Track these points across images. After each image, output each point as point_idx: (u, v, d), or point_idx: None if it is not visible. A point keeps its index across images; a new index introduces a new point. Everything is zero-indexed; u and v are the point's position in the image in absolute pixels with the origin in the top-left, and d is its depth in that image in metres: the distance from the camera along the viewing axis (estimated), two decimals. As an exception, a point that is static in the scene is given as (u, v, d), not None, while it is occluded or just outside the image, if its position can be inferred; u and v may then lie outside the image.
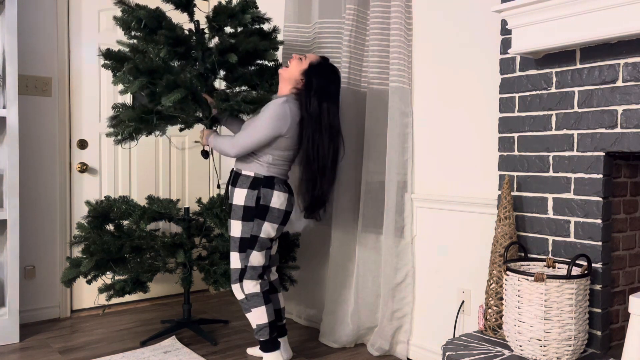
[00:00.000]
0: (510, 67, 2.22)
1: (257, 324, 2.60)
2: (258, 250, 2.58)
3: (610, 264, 2.00)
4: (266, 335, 2.59)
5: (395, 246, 2.82)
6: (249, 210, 2.56)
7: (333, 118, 2.61)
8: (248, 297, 2.59)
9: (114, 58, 2.80)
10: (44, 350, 2.98)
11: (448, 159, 2.67)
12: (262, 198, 2.56)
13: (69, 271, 2.89)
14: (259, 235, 2.57)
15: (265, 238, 2.59)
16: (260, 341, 2.62)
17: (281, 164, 2.61)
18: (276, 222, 2.59)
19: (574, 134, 2.02)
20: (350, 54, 2.98)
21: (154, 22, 2.73)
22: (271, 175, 2.59)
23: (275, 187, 2.58)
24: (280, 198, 2.58)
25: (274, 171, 2.59)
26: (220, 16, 2.85)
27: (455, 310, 2.64)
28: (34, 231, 3.47)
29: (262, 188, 2.56)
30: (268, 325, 2.59)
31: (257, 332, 2.61)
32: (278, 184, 2.59)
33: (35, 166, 3.47)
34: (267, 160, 2.58)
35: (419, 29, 2.79)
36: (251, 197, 2.55)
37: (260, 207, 2.56)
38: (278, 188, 2.59)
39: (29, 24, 3.42)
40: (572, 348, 1.85)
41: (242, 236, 2.58)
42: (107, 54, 2.80)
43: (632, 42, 1.84)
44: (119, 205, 2.96)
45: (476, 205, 2.51)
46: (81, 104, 3.64)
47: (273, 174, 2.59)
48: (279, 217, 2.59)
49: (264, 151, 2.57)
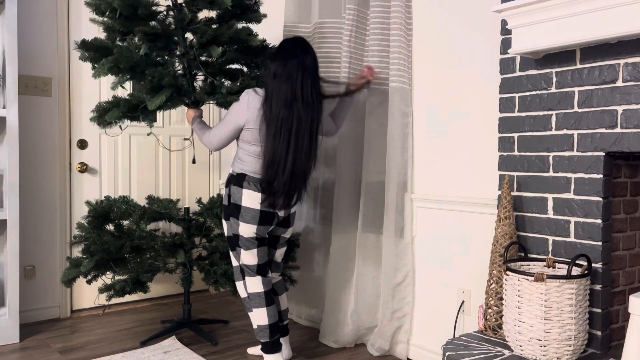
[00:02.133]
0: (510, 67, 2.22)
1: (257, 325, 2.59)
2: (245, 249, 2.55)
3: (610, 264, 2.00)
4: (266, 337, 2.57)
5: (395, 246, 2.82)
6: (225, 209, 2.59)
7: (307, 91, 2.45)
8: (250, 296, 2.58)
9: (92, 48, 2.66)
10: (44, 350, 2.98)
11: (448, 159, 2.67)
12: (232, 196, 2.53)
13: (69, 271, 2.89)
14: (239, 234, 2.55)
15: (247, 237, 2.53)
16: (261, 342, 2.61)
17: (251, 160, 2.52)
18: (252, 223, 2.50)
19: (574, 134, 2.02)
20: (350, 54, 2.98)
21: (129, 9, 2.58)
22: (242, 173, 2.52)
23: (244, 184, 2.49)
24: (251, 196, 2.49)
25: (244, 168, 2.52)
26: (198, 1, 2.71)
27: (455, 310, 2.64)
28: (34, 231, 3.47)
29: (232, 186, 2.54)
30: (268, 327, 2.56)
31: (257, 332, 2.61)
32: (248, 182, 2.50)
33: (35, 166, 3.47)
34: (240, 156, 2.55)
35: (419, 29, 2.79)
36: (225, 195, 2.58)
37: (232, 205, 2.54)
38: (247, 186, 2.49)
39: (29, 24, 3.42)
40: (572, 348, 1.85)
41: (228, 235, 2.60)
42: (84, 44, 2.65)
43: (632, 42, 1.84)
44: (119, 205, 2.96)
45: (476, 205, 2.51)
46: (81, 104, 3.64)
47: (244, 171, 2.52)
48: (253, 217, 2.50)
49: (239, 146, 2.57)
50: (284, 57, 2.46)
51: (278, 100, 2.43)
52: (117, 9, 2.54)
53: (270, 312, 2.57)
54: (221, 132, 2.57)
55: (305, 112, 2.45)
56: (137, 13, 2.60)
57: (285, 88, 2.43)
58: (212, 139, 2.61)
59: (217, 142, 2.60)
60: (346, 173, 3.03)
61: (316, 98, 2.49)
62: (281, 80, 2.44)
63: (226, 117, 2.56)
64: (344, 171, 3.02)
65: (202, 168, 4.23)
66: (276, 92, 2.44)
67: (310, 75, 2.48)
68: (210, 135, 2.62)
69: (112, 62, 2.54)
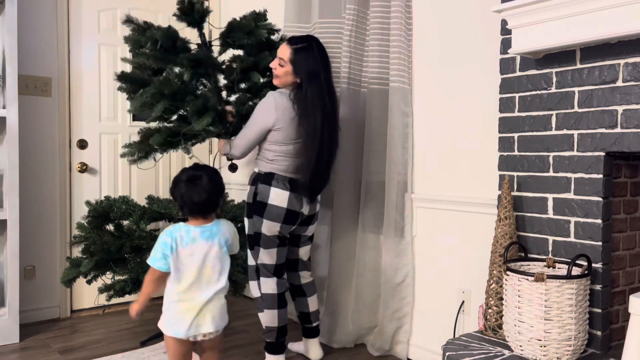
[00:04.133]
0: (510, 67, 2.22)
1: (266, 326, 2.61)
2: (264, 247, 2.56)
3: (610, 264, 2.00)
4: (272, 338, 2.60)
5: (395, 246, 2.82)
6: (249, 207, 2.58)
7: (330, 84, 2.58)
8: (263, 297, 2.60)
9: (130, 81, 2.77)
10: (44, 350, 2.98)
11: (448, 159, 2.67)
12: (259, 194, 2.53)
13: (69, 271, 2.89)
14: (261, 232, 2.55)
15: (268, 236, 2.55)
16: (266, 342, 2.63)
17: (281, 160, 2.54)
18: (277, 221, 2.52)
19: (574, 134, 2.02)
20: (350, 54, 2.98)
21: (168, 41, 2.69)
22: (270, 172, 2.54)
23: (273, 183, 2.52)
24: (279, 195, 2.51)
25: (273, 167, 2.54)
26: (236, 33, 2.82)
27: (455, 310, 2.64)
28: (34, 231, 3.47)
29: (259, 184, 2.54)
30: (277, 329, 2.59)
31: (264, 333, 2.62)
32: (277, 181, 2.52)
33: (35, 166, 3.47)
34: (267, 157, 2.56)
35: (419, 29, 2.79)
36: (250, 193, 2.57)
37: (257, 203, 2.54)
38: (276, 185, 2.52)
39: (29, 24, 3.42)
40: (572, 348, 1.85)
41: (248, 233, 2.60)
42: (122, 77, 2.75)
43: (632, 42, 1.84)
44: (119, 205, 2.95)
45: (476, 205, 2.51)
46: (81, 104, 3.64)
47: (272, 171, 2.54)
48: (279, 215, 2.52)
49: (265, 147, 2.56)
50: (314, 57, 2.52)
51: (313, 98, 2.48)
52: (158, 41, 2.65)
53: (281, 315, 2.59)
54: (247, 136, 2.56)
55: (331, 106, 2.54)
56: (176, 45, 2.73)
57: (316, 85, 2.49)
58: (238, 142, 2.59)
59: (244, 145, 2.59)
60: (346, 173, 3.03)
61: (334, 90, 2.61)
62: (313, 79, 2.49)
63: (251, 121, 2.55)
64: (344, 171, 3.02)
65: (202, 168, 4.22)
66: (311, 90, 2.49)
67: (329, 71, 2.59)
68: (234, 143, 2.61)
69: (155, 89, 2.61)
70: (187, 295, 2.00)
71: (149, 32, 2.69)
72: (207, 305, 2.01)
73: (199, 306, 2.00)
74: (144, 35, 2.71)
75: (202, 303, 2.00)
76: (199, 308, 2.00)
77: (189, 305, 2.00)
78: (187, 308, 2.00)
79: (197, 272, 2.01)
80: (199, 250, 2.02)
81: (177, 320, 2.00)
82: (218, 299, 2.05)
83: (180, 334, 1.99)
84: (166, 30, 2.68)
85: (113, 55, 3.76)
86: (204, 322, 2.00)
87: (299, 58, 2.51)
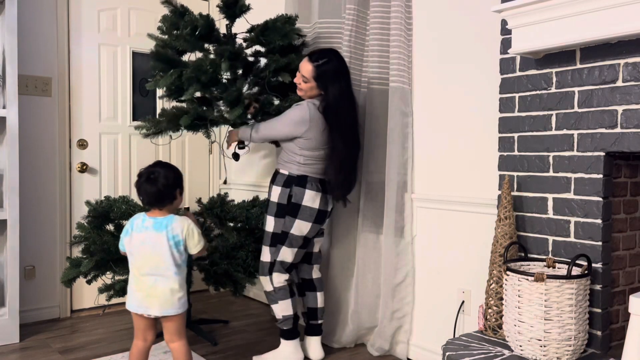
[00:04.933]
0: (510, 67, 2.22)
1: (282, 315, 2.73)
2: (288, 246, 2.69)
3: (610, 264, 2.00)
4: (290, 324, 2.75)
5: (395, 246, 2.82)
6: (281, 207, 2.68)
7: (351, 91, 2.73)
8: (276, 289, 2.73)
9: (164, 60, 2.84)
10: (44, 350, 2.98)
11: (448, 159, 2.67)
12: (294, 196, 2.65)
13: (69, 271, 2.89)
14: (289, 232, 2.67)
15: (296, 235, 2.68)
16: (282, 330, 2.75)
17: (312, 163, 2.67)
18: (309, 221, 2.66)
19: (574, 134, 2.02)
20: (350, 54, 2.98)
21: (206, 29, 2.80)
22: (303, 175, 2.66)
23: (307, 185, 2.65)
24: (313, 196, 2.65)
25: (306, 170, 2.66)
26: (272, 33, 2.91)
27: (455, 310, 2.64)
28: (34, 231, 3.47)
29: (294, 186, 2.66)
30: (292, 316, 2.74)
31: (281, 322, 2.75)
32: (311, 183, 2.66)
33: (35, 166, 3.47)
34: (299, 161, 2.66)
35: (419, 29, 2.79)
36: (284, 195, 2.67)
37: (291, 204, 2.66)
38: (310, 187, 2.66)
39: (29, 24, 3.42)
40: (572, 348, 1.85)
41: (274, 231, 2.71)
42: (157, 56, 2.83)
43: (632, 42, 1.84)
44: (119, 205, 2.95)
45: (476, 205, 2.51)
46: (81, 104, 3.64)
47: (305, 173, 2.66)
48: (311, 215, 2.66)
49: (296, 152, 2.66)
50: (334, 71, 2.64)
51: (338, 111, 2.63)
52: (198, 27, 2.78)
53: (293, 303, 2.76)
54: (275, 131, 2.70)
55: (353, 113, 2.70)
56: (212, 34, 2.86)
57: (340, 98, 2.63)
58: (264, 132, 2.73)
59: (269, 136, 2.74)
60: (346, 173, 3.03)
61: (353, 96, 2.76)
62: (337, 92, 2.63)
63: (284, 121, 2.66)
64: (344, 171, 3.02)
65: (202, 168, 4.23)
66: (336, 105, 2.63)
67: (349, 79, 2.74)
68: (260, 127, 2.74)
69: (192, 74, 2.71)
70: (137, 277, 2.23)
71: (187, 17, 2.80)
72: (153, 290, 2.20)
73: (145, 289, 2.21)
74: (182, 19, 2.82)
75: (148, 287, 2.20)
76: (146, 291, 2.21)
77: (138, 286, 2.23)
78: (136, 288, 2.23)
79: (145, 258, 2.22)
80: (149, 239, 2.22)
81: (130, 295, 2.25)
82: (164, 286, 2.21)
83: (131, 309, 2.24)
84: (206, 18, 2.80)
85: (113, 55, 3.76)
86: (150, 305, 2.21)
87: (321, 74, 2.63)
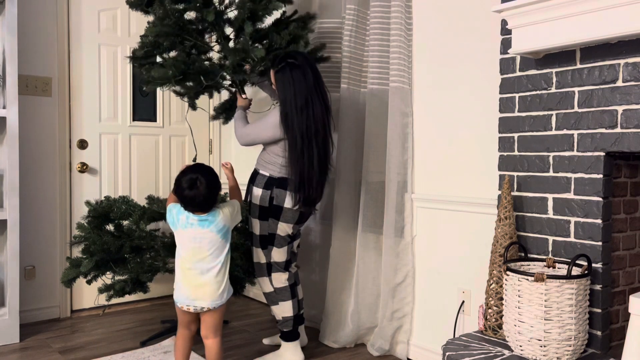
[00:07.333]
0: (510, 67, 2.22)
1: (283, 316, 2.73)
2: (278, 247, 2.71)
3: (610, 264, 2.00)
4: (290, 326, 2.74)
5: (395, 246, 2.82)
6: (264, 210, 2.69)
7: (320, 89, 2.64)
8: (277, 290, 2.73)
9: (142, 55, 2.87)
10: (44, 350, 2.98)
11: (448, 159, 2.67)
12: (276, 198, 2.66)
13: (69, 271, 2.89)
14: (275, 233, 2.69)
15: (282, 235, 2.70)
16: (283, 331, 2.74)
17: None
18: (291, 222, 2.69)
19: (574, 134, 2.02)
20: (350, 54, 2.98)
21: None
22: (284, 177, 2.65)
23: (288, 188, 2.64)
24: (293, 198, 2.65)
25: (286, 172, 2.65)
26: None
27: (455, 310, 2.64)
28: (34, 231, 3.46)
29: (275, 188, 2.66)
30: (293, 318, 2.73)
31: (282, 323, 2.73)
32: (290, 185, 2.65)
33: (35, 166, 3.47)
34: (281, 163, 2.66)
35: (419, 29, 2.79)
36: (265, 197, 2.67)
37: (273, 207, 2.67)
38: (290, 189, 2.65)
39: (29, 24, 3.42)
40: (572, 348, 1.85)
41: (261, 234, 2.71)
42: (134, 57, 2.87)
43: (632, 42, 1.84)
44: (119, 205, 2.95)
45: (476, 205, 2.51)
46: (81, 104, 3.64)
47: (286, 175, 2.65)
48: (293, 217, 2.68)
49: (278, 153, 2.65)
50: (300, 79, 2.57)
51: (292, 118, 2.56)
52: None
53: (295, 304, 2.75)
54: (256, 137, 2.70)
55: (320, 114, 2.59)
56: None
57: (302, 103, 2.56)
58: (246, 137, 2.73)
59: (249, 142, 2.73)
60: (346, 173, 3.03)
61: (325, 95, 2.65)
62: (290, 100, 2.56)
63: (263, 127, 2.65)
64: (344, 171, 3.02)
65: (202, 168, 4.22)
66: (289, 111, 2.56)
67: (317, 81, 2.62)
68: (244, 133, 2.74)
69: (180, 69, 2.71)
70: (184, 271, 2.27)
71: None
72: (201, 283, 2.25)
73: (194, 283, 2.25)
74: None
75: (196, 280, 2.25)
76: (194, 285, 2.25)
77: (187, 280, 2.26)
78: (185, 283, 2.27)
79: (194, 252, 2.25)
80: (197, 235, 2.25)
81: (177, 289, 2.29)
82: (213, 277, 2.26)
83: (179, 302, 2.28)
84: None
85: (113, 55, 3.76)
86: (199, 297, 2.25)
87: (277, 80, 2.62)
